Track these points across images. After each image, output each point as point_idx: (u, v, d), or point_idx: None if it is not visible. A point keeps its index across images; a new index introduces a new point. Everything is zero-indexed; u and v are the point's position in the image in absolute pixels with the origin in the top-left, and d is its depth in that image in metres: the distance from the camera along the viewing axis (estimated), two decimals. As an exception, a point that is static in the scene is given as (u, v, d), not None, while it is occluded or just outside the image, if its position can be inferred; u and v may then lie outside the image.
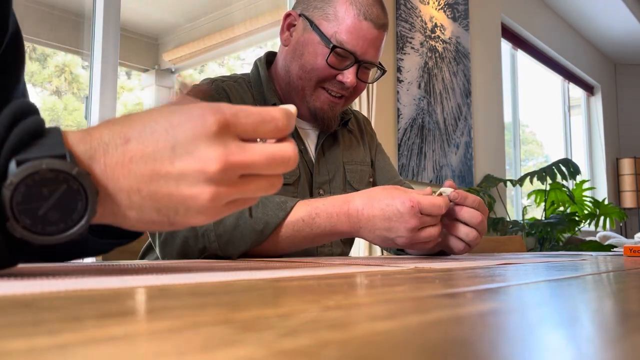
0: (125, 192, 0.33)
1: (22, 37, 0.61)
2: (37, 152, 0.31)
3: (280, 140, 0.38)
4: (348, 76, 0.92)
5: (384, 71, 0.99)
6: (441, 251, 0.86)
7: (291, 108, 0.39)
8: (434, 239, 0.73)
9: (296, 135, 0.98)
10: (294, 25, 0.97)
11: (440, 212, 0.72)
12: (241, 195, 0.36)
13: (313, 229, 0.76)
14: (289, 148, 0.37)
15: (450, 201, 0.76)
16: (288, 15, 0.98)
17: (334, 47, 0.89)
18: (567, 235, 3.83)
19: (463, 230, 0.77)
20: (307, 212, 0.76)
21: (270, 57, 1.05)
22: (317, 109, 0.96)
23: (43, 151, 0.31)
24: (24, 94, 0.62)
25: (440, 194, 0.75)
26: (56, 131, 0.33)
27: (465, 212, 0.76)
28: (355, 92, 0.97)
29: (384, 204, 0.73)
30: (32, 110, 0.34)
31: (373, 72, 1.02)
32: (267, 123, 0.36)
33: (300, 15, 0.96)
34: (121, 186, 0.33)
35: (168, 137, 0.34)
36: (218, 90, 0.94)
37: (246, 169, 0.35)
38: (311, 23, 0.93)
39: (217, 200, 0.34)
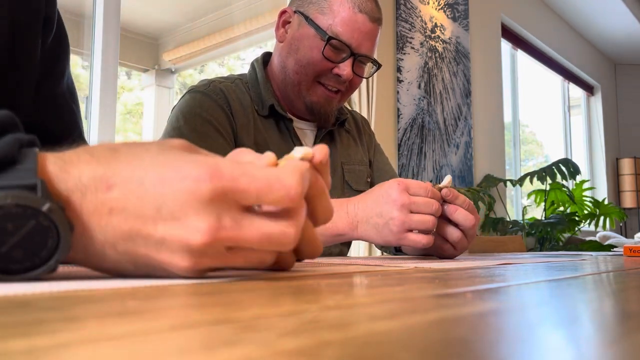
0: (100, 245, 0.30)
1: (66, 35, 0.62)
2: (5, 180, 0.27)
3: (286, 214, 0.33)
4: (344, 69, 0.92)
5: (379, 66, 1.00)
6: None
7: (307, 150, 0.36)
8: (428, 228, 0.70)
9: (293, 135, 0.98)
10: (289, 22, 0.97)
11: (426, 194, 0.71)
12: (225, 265, 0.32)
13: None
14: (290, 231, 0.32)
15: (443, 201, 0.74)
16: (283, 12, 0.98)
17: (330, 38, 0.90)
18: (567, 235, 3.83)
19: (453, 234, 0.74)
20: None
21: (267, 57, 1.05)
22: (313, 103, 0.96)
23: (12, 179, 0.27)
24: (69, 88, 0.63)
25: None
26: (32, 155, 0.29)
27: (459, 215, 0.74)
28: (351, 86, 0.98)
29: (375, 193, 0.74)
30: (10, 127, 0.30)
31: (369, 68, 1.02)
32: (275, 191, 0.31)
33: (295, 12, 0.96)
34: (96, 239, 0.30)
35: (155, 194, 0.30)
36: (216, 92, 0.94)
37: (236, 244, 0.31)
38: (306, 18, 0.93)
39: (197, 268, 0.31)
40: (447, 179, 0.76)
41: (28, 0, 0.54)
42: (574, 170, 3.43)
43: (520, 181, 3.56)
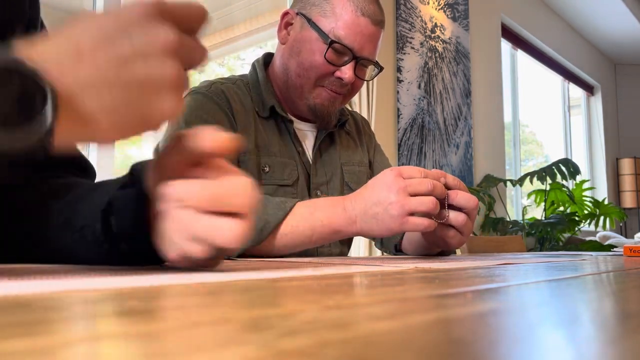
0: (89, 86, 0.31)
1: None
2: None
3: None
4: (346, 72, 0.92)
5: (381, 68, 1.00)
6: (441, 252, 0.86)
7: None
8: (429, 208, 0.69)
9: (293, 136, 0.98)
10: (292, 24, 0.97)
11: (420, 175, 0.71)
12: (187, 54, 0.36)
13: (311, 225, 0.76)
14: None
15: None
16: (285, 14, 0.98)
17: (332, 42, 0.90)
18: (567, 235, 3.83)
19: (457, 217, 0.73)
20: (306, 210, 0.77)
21: (268, 58, 1.05)
22: (317, 105, 0.96)
23: None
24: None
25: None
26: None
27: (461, 198, 0.72)
28: (353, 89, 0.98)
29: (370, 185, 0.75)
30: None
31: (370, 70, 1.02)
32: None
33: (297, 13, 0.96)
34: (84, 80, 0.31)
35: (118, 21, 0.33)
36: (217, 93, 0.94)
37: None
38: (309, 20, 0.93)
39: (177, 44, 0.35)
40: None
41: (14, 1, 0.54)
42: (574, 170, 3.43)
43: (520, 181, 3.57)
